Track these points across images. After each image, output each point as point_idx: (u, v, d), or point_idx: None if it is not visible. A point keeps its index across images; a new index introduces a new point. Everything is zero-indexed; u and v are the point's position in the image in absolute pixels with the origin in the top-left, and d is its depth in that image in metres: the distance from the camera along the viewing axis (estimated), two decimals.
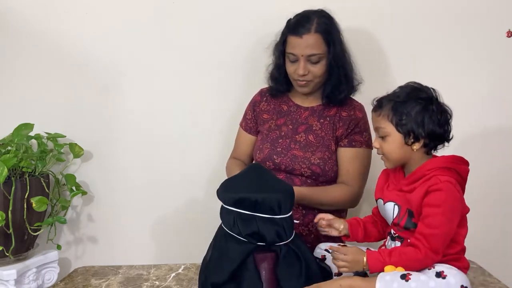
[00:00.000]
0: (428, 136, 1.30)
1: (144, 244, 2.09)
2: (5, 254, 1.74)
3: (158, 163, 2.06)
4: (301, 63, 1.64)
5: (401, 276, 1.22)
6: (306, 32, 1.62)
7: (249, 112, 1.85)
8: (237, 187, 1.37)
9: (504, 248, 2.08)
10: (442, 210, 1.25)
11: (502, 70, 2.03)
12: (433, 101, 1.31)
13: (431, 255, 1.25)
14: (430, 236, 1.25)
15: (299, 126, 1.74)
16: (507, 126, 2.05)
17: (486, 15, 2.00)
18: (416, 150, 1.32)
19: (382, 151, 1.35)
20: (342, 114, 1.73)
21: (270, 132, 1.76)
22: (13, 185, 1.71)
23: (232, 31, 1.99)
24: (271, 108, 1.81)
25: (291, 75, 1.69)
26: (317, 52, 1.63)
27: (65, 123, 2.00)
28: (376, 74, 1.93)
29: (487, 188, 2.01)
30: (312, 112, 1.76)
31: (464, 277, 1.24)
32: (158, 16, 2.00)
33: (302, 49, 1.63)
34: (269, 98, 1.83)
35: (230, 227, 1.35)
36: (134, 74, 2.03)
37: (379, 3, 1.99)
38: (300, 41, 1.62)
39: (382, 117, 1.33)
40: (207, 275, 1.36)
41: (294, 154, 1.69)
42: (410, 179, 1.34)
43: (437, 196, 1.26)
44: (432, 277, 1.21)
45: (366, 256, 1.30)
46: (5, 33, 1.98)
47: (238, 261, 1.31)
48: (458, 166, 1.31)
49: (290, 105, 1.79)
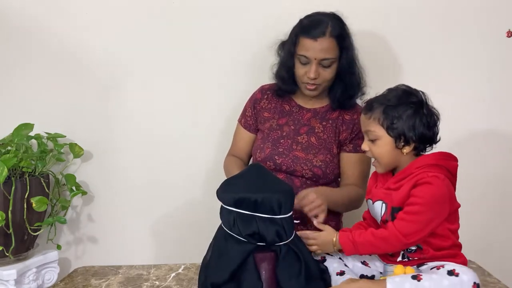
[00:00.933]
0: (419, 139, 1.31)
1: (144, 244, 2.10)
2: (5, 254, 1.74)
3: (158, 163, 2.06)
4: (313, 67, 1.61)
5: (412, 277, 1.21)
6: (321, 36, 1.59)
7: (249, 109, 1.83)
8: (237, 187, 1.37)
9: (504, 248, 2.08)
10: (424, 200, 1.26)
11: (502, 70, 2.03)
12: (423, 105, 1.33)
13: (400, 236, 1.26)
14: (403, 220, 1.27)
15: (301, 127, 1.74)
16: (507, 126, 2.05)
17: (486, 15, 2.00)
18: (406, 153, 1.33)
19: (372, 154, 1.36)
20: (345, 117, 1.73)
21: (271, 131, 1.75)
22: (13, 185, 1.71)
23: (232, 31, 1.99)
24: (272, 107, 1.79)
25: (300, 77, 1.67)
26: (330, 56, 1.61)
27: (65, 123, 2.00)
28: (380, 76, 1.93)
29: (487, 188, 2.01)
30: (315, 114, 1.75)
31: (474, 274, 1.24)
32: (158, 16, 2.00)
33: (316, 53, 1.60)
34: (270, 97, 1.81)
35: (230, 227, 1.34)
36: (134, 74, 2.03)
37: (382, 4, 1.99)
38: (315, 44, 1.60)
39: (372, 120, 1.34)
40: (207, 275, 1.36)
41: (296, 156, 1.69)
42: (398, 177, 1.35)
43: (423, 188, 1.27)
44: (445, 276, 1.21)
45: (338, 235, 1.33)
46: (5, 33, 1.98)
47: (238, 261, 1.31)
48: (446, 163, 1.32)
49: (292, 105, 1.78)
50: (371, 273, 1.41)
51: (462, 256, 1.35)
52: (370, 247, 1.31)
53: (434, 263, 1.30)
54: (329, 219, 1.69)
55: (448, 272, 1.22)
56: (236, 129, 1.87)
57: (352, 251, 1.33)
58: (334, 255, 1.44)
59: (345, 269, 1.40)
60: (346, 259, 1.44)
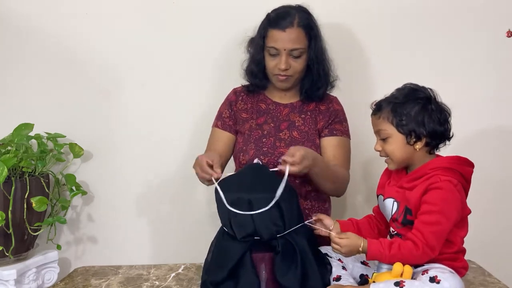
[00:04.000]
0: (430, 135, 1.32)
1: (144, 244, 2.10)
2: (5, 254, 1.74)
3: (158, 163, 2.06)
4: (283, 57, 1.62)
5: (395, 284, 1.23)
6: (289, 26, 1.61)
7: (225, 111, 1.78)
8: (234, 187, 1.37)
9: (504, 248, 2.08)
10: (439, 208, 1.26)
11: (502, 70, 2.03)
12: (432, 101, 1.33)
13: (428, 251, 1.26)
14: (427, 233, 1.26)
15: (281, 123, 1.73)
16: (507, 125, 2.05)
17: (486, 15, 2.00)
18: (419, 149, 1.33)
19: (385, 152, 1.36)
20: (321, 108, 1.74)
21: (251, 132, 1.73)
22: (13, 185, 1.71)
23: (233, 31, 1.98)
24: (248, 107, 1.77)
25: (271, 70, 1.67)
26: (299, 46, 1.62)
27: (65, 123, 2.00)
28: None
29: (487, 187, 2.01)
30: (292, 109, 1.75)
31: (457, 279, 1.25)
32: (158, 16, 2.00)
33: (285, 43, 1.61)
34: (245, 97, 1.79)
35: (227, 226, 1.35)
36: (134, 74, 2.03)
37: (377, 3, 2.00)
38: (283, 34, 1.61)
39: (382, 120, 1.34)
40: (207, 273, 1.37)
41: (281, 152, 1.64)
42: (411, 176, 1.35)
43: (436, 194, 1.27)
44: (426, 283, 1.22)
45: (367, 242, 1.30)
46: (5, 34, 1.98)
47: (236, 258, 1.31)
48: (461, 168, 1.32)
49: (268, 103, 1.77)
50: (371, 272, 1.40)
51: (462, 261, 1.35)
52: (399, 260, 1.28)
53: (427, 265, 1.30)
54: (317, 210, 1.68)
55: (430, 278, 1.23)
56: (212, 134, 1.79)
57: (377, 259, 1.32)
58: (333, 256, 1.44)
59: (342, 273, 1.40)
60: (345, 259, 1.44)
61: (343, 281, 1.36)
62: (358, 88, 1.98)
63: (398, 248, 1.28)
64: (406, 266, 1.26)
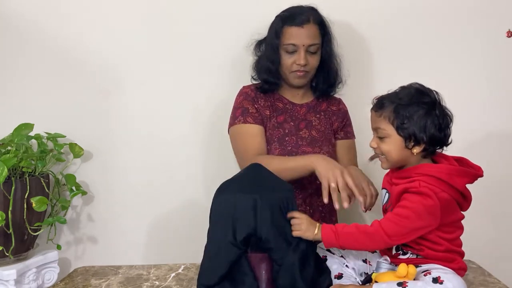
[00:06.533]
0: (429, 140, 1.28)
1: (144, 244, 2.09)
2: (5, 254, 1.74)
3: (158, 163, 2.06)
4: (302, 53, 1.65)
5: (398, 284, 1.22)
6: (306, 22, 1.64)
7: (249, 107, 1.72)
8: (234, 189, 1.36)
9: (504, 248, 2.08)
10: (414, 206, 1.25)
11: (502, 70, 2.03)
12: (436, 106, 1.29)
13: (382, 234, 1.24)
14: (389, 221, 1.25)
15: (300, 122, 1.74)
16: (507, 126, 2.05)
17: (486, 15, 2.00)
18: (416, 153, 1.30)
19: (381, 150, 1.34)
20: (333, 108, 1.79)
21: (273, 130, 1.72)
22: (13, 185, 1.71)
23: (233, 32, 1.99)
24: (268, 105, 1.76)
25: (289, 67, 1.68)
26: (317, 42, 1.66)
27: (65, 123, 2.00)
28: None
29: (487, 188, 2.00)
30: (308, 108, 1.77)
31: (460, 280, 1.24)
32: (158, 17, 2.00)
33: (303, 39, 1.64)
34: (262, 95, 1.77)
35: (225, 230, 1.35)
36: (134, 74, 2.03)
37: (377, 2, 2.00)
38: (302, 30, 1.64)
39: (383, 118, 1.31)
40: (200, 277, 1.36)
41: (304, 151, 1.68)
42: (399, 174, 1.34)
43: (412, 197, 1.26)
44: (429, 283, 1.21)
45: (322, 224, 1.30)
46: (5, 34, 1.98)
47: (231, 261, 1.30)
48: (451, 178, 1.28)
49: (285, 103, 1.78)
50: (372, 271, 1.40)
51: (460, 262, 1.33)
52: (352, 240, 1.27)
53: (427, 266, 1.30)
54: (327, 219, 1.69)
55: (433, 279, 1.22)
56: (244, 131, 1.70)
57: (333, 242, 1.28)
58: (335, 253, 1.44)
59: (344, 270, 1.40)
60: (347, 257, 1.43)
61: (344, 279, 1.36)
62: (358, 88, 1.98)
63: (355, 228, 1.27)
64: (411, 267, 1.25)
